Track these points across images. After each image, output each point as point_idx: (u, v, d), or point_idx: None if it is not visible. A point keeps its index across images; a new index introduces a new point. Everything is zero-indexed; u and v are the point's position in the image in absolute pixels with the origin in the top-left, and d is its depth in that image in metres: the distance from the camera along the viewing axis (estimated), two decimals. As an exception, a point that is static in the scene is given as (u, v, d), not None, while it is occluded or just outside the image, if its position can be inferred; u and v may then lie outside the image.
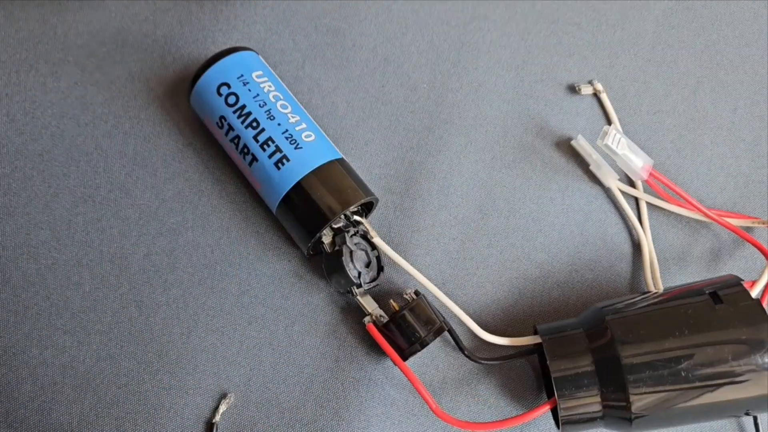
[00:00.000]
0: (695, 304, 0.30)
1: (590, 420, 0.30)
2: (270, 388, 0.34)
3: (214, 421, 0.32)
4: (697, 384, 0.28)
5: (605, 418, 0.30)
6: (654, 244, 0.37)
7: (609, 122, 0.40)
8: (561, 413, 0.30)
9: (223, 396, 0.33)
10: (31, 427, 0.32)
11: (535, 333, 0.32)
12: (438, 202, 0.37)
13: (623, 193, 0.38)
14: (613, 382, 0.29)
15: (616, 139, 0.36)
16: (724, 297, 0.29)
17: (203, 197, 0.36)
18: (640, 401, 0.28)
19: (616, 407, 0.29)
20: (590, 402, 0.30)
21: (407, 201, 0.37)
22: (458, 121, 0.39)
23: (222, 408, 0.32)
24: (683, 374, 0.28)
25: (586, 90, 0.40)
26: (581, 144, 0.38)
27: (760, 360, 0.28)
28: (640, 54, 0.42)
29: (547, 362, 0.30)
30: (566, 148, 0.39)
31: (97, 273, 0.34)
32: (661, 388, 0.28)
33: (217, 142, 0.36)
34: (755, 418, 0.32)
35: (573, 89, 0.40)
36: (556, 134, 0.39)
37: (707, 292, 0.30)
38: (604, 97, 0.40)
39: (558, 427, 0.31)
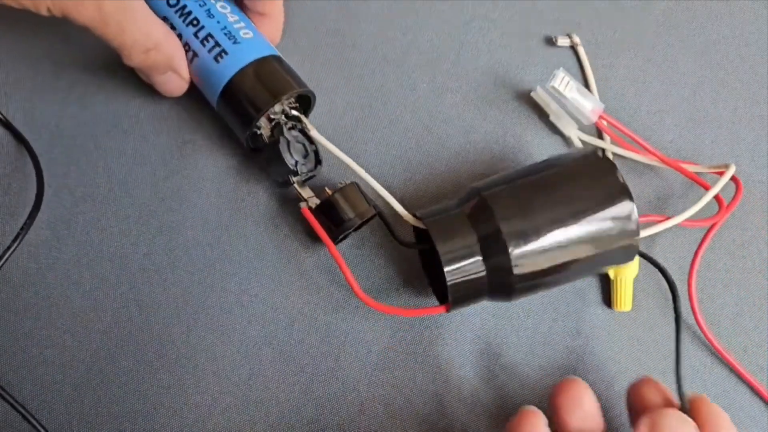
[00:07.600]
0: (557, 169, 0.32)
1: (476, 293, 0.31)
2: (270, 387, 0.34)
3: None
4: (564, 241, 0.30)
5: (489, 289, 0.31)
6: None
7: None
8: (449, 281, 0.30)
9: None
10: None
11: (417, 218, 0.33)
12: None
13: (583, 142, 0.38)
14: (495, 252, 0.30)
15: (564, 82, 0.36)
16: (582, 160, 0.32)
17: (202, 195, 0.36)
18: (521, 267, 0.30)
19: (500, 272, 0.31)
20: (476, 274, 0.31)
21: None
22: (458, 121, 0.39)
23: None
24: (555, 236, 0.30)
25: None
26: (540, 95, 0.38)
27: (612, 212, 0.30)
28: (640, 54, 0.42)
29: (433, 241, 0.31)
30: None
31: (97, 272, 0.34)
32: (538, 246, 0.30)
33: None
34: (677, 319, 0.32)
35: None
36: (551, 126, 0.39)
37: (569, 159, 0.32)
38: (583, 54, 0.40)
39: (442, 303, 0.33)
